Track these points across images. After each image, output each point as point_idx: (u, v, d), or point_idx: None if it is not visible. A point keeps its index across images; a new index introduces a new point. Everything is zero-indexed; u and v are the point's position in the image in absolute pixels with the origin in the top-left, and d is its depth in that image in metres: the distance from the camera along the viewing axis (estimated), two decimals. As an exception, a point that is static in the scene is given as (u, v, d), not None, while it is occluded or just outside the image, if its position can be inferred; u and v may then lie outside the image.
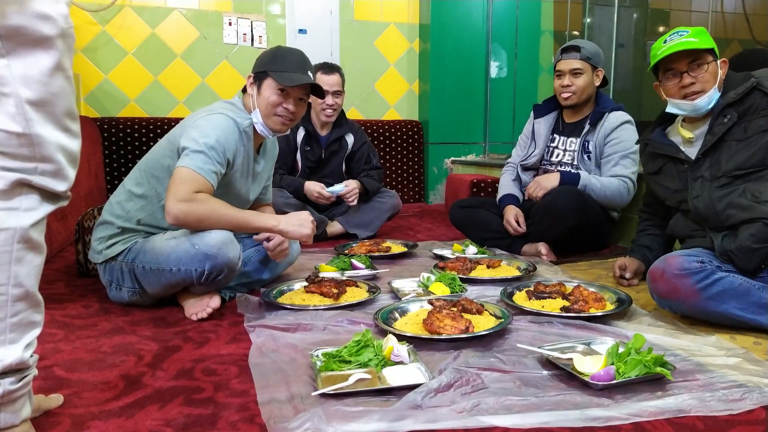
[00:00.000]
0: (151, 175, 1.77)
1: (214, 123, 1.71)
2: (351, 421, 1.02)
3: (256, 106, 1.82)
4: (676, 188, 1.79)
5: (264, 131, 1.84)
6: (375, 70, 4.49)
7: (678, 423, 1.05)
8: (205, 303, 1.68)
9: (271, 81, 1.80)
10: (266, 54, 1.86)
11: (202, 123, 1.71)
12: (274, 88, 1.80)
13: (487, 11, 4.43)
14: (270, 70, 1.80)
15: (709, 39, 1.70)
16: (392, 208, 3.06)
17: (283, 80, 1.78)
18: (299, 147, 3.03)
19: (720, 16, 4.96)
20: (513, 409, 1.09)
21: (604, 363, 1.21)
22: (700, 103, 1.70)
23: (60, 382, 1.23)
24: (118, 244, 1.75)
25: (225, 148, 1.70)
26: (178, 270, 1.63)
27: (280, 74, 1.78)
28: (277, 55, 1.83)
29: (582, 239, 2.52)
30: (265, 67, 1.81)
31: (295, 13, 4.22)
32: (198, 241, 1.61)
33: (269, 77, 1.80)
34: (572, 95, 2.52)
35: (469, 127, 4.53)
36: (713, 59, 1.70)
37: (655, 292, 1.62)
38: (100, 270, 1.80)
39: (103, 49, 3.83)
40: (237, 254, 1.66)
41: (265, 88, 1.81)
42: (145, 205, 1.76)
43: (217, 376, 1.27)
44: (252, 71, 1.85)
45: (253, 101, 1.83)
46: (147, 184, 1.77)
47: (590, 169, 2.53)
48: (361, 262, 2.21)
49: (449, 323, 1.44)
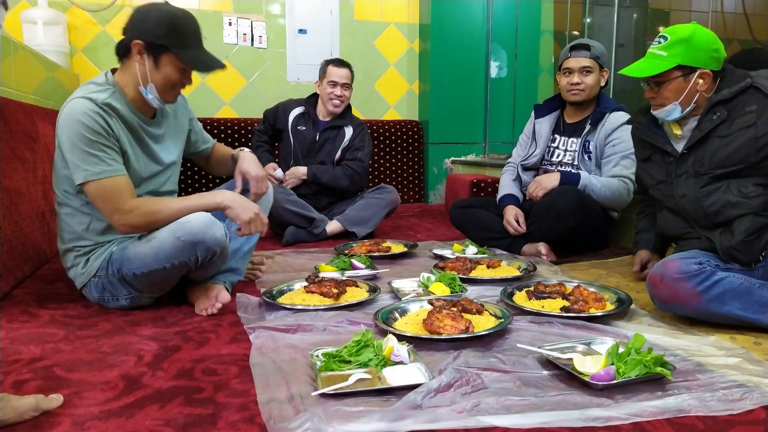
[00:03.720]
0: (63, 191, 1.73)
1: (71, 115, 1.59)
2: (351, 421, 1.02)
3: (150, 79, 1.67)
4: (661, 179, 1.80)
5: (156, 103, 1.73)
6: (375, 70, 4.49)
7: (678, 423, 1.05)
8: (213, 298, 1.69)
9: (173, 59, 1.66)
10: (161, 22, 1.64)
11: (63, 123, 1.61)
12: (177, 67, 1.68)
13: (487, 11, 4.43)
14: (172, 45, 1.64)
15: (684, 51, 1.63)
16: (390, 203, 3.05)
17: (196, 65, 1.69)
18: (290, 126, 3.08)
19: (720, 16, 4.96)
20: (513, 409, 1.09)
21: (604, 363, 1.21)
22: (658, 114, 1.73)
23: (60, 382, 1.23)
24: (91, 260, 1.72)
25: (97, 131, 1.60)
26: (172, 265, 1.63)
27: (186, 53, 1.67)
28: (175, 27, 1.65)
29: (582, 239, 2.52)
30: (164, 41, 1.64)
31: (295, 13, 4.22)
32: (181, 233, 1.59)
33: (171, 53, 1.65)
34: (581, 92, 2.52)
35: (469, 127, 4.53)
36: (682, 74, 1.65)
37: (657, 298, 1.61)
38: (86, 292, 1.76)
39: (103, 49, 3.83)
40: (223, 232, 1.65)
41: (165, 64, 1.66)
42: (79, 218, 1.72)
43: (217, 376, 1.26)
44: (141, 38, 1.63)
45: (144, 73, 1.66)
46: (65, 198, 1.73)
47: (591, 170, 2.53)
48: (361, 262, 2.21)
49: (449, 323, 1.44)
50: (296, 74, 4.28)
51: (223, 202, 1.68)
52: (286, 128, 3.13)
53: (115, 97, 1.68)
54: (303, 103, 3.17)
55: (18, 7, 3.55)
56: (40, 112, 2.38)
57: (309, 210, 2.91)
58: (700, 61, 1.63)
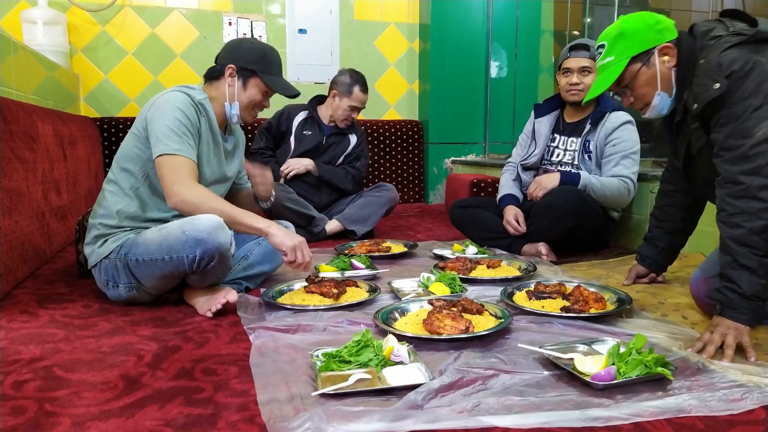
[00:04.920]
0: (121, 169, 1.82)
1: (169, 100, 1.76)
2: (351, 421, 1.02)
3: (236, 98, 1.89)
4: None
5: (236, 119, 1.93)
6: (375, 70, 4.48)
7: (678, 423, 1.05)
8: (220, 297, 1.69)
9: (260, 82, 1.89)
10: (253, 51, 1.90)
11: (159, 105, 1.76)
12: (262, 89, 1.91)
13: (487, 11, 4.43)
14: (260, 71, 1.88)
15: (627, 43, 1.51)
16: (389, 201, 3.06)
17: (280, 89, 1.91)
18: (294, 130, 3.09)
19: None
20: (513, 409, 1.09)
21: (605, 363, 1.21)
22: (650, 114, 1.58)
23: (60, 382, 1.23)
24: (108, 242, 1.77)
25: (189, 119, 1.76)
26: (170, 258, 1.64)
27: (270, 78, 1.90)
28: (264, 57, 1.90)
29: (582, 239, 2.52)
30: (253, 66, 1.88)
31: (295, 13, 4.22)
32: (188, 227, 1.63)
33: (258, 77, 1.89)
34: (580, 92, 2.52)
35: (469, 127, 4.53)
36: (641, 63, 1.52)
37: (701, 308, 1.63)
38: (95, 273, 1.81)
39: (103, 49, 3.83)
40: (228, 239, 1.67)
41: (251, 86, 1.90)
42: (119, 198, 1.81)
43: (217, 376, 1.26)
44: (234, 63, 1.88)
45: (232, 92, 1.89)
46: (118, 176, 1.82)
47: (591, 169, 2.52)
48: (361, 262, 2.21)
49: (449, 323, 1.44)
50: (296, 74, 4.28)
51: (269, 228, 1.73)
52: (290, 132, 3.13)
53: (207, 102, 1.87)
54: (307, 107, 3.18)
55: (18, 7, 3.55)
56: (40, 112, 2.38)
57: (309, 209, 2.92)
58: (648, 42, 1.51)
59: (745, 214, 1.35)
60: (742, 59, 1.36)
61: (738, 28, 1.43)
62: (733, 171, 1.37)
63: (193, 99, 1.81)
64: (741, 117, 1.35)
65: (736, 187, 1.37)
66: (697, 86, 1.43)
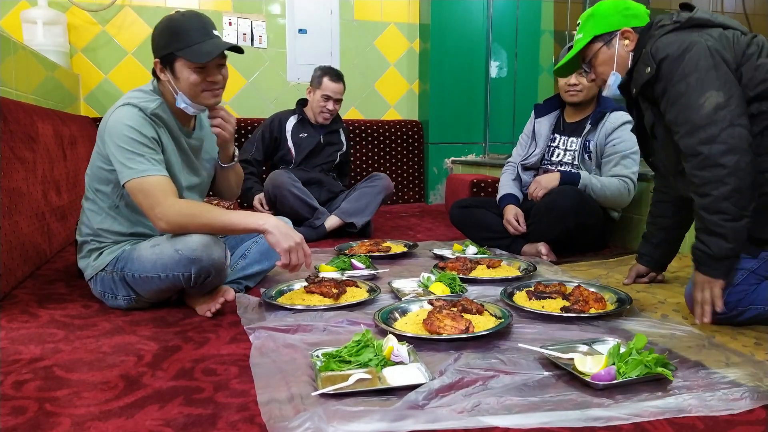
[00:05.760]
0: (94, 189, 1.76)
1: (121, 120, 1.64)
2: (351, 421, 1.02)
3: (178, 90, 1.69)
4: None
5: (196, 110, 1.75)
6: (375, 70, 4.49)
7: (678, 423, 1.05)
8: (219, 297, 1.69)
9: (183, 61, 1.65)
10: (163, 32, 1.67)
11: (111, 127, 1.64)
12: (190, 67, 1.65)
13: (487, 11, 4.42)
14: (176, 50, 1.63)
15: (594, 23, 1.67)
16: (384, 189, 3.09)
17: (198, 57, 1.63)
18: (290, 136, 3.13)
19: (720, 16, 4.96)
20: (513, 409, 1.09)
21: (605, 363, 1.21)
22: (607, 93, 1.72)
23: (60, 382, 1.23)
24: (104, 254, 1.75)
25: (144, 135, 1.64)
26: (166, 276, 1.62)
27: (189, 51, 1.63)
28: (176, 30, 1.64)
29: (582, 239, 2.52)
30: (170, 48, 1.64)
31: (295, 13, 4.22)
32: (181, 246, 1.59)
33: (179, 58, 1.65)
34: (579, 93, 2.53)
35: (469, 127, 4.53)
36: (603, 42, 1.68)
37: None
38: (92, 285, 1.78)
39: (103, 49, 3.83)
40: (222, 254, 1.64)
41: (180, 70, 1.66)
42: (101, 218, 1.76)
43: (217, 376, 1.26)
44: (155, 56, 1.69)
45: (172, 86, 1.70)
46: (94, 196, 1.77)
47: (591, 169, 2.53)
48: (361, 262, 2.21)
49: (449, 323, 1.44)
50: (296, 74, 4.28)
51: (265, 226, 1.62)
52: (284, 138, 3.20)
53: (162, 108, 1.73)
54: (295, 111, 3.26)
55: (18, 7, 3.55)
56: (40, 112, 2.38)
57: (312, 199, 2.97)
58: (614, 25, 1.66)
59: (712, 182, 1.42)
60: (677, 42, 1.49)
61: (680, 17, 1.55)
62: (692, 143, 1.45)
63: (145, 111, 1.66)
64: (686, 93, 1.45)
65: (697, 158, 1.44)
66: (636, 72, 1.59)
